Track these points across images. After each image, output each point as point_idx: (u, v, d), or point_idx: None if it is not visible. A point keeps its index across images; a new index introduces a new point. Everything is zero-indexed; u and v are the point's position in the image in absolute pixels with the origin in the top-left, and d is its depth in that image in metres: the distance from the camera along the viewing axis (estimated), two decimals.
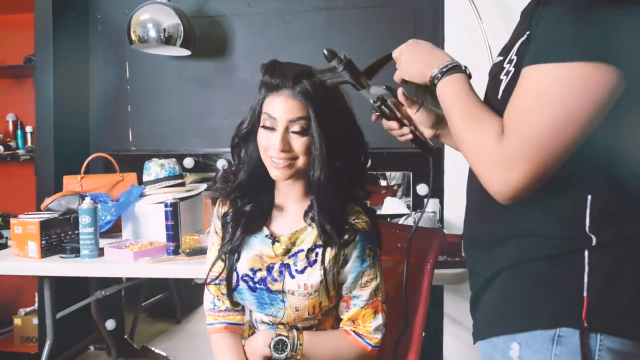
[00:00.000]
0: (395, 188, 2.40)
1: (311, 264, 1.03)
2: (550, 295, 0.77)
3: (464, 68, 0.86)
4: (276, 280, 1.04)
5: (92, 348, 2.65)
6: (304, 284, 1.02)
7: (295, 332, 1.05)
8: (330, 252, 1.02)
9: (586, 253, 0.75)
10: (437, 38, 2.33)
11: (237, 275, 1.07)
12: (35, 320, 2.48)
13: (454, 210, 2.11)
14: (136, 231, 1.98)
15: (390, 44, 2.82)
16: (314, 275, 1.02)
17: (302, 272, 1.03)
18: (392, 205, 2.28)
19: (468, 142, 0.78)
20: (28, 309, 2.61)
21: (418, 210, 2.14)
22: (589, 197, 0.74)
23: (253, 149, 1.05)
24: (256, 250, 1.07)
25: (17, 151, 2.63)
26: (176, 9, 2.25)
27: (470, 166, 0.81)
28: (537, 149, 0.70)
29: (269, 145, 1.00)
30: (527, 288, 0.79)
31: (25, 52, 2.54)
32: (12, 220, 1.82)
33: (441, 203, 2.22)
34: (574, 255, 0.76)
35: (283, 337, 1.04)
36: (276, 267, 1.05)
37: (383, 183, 2.42)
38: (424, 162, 2.30)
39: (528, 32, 0.76)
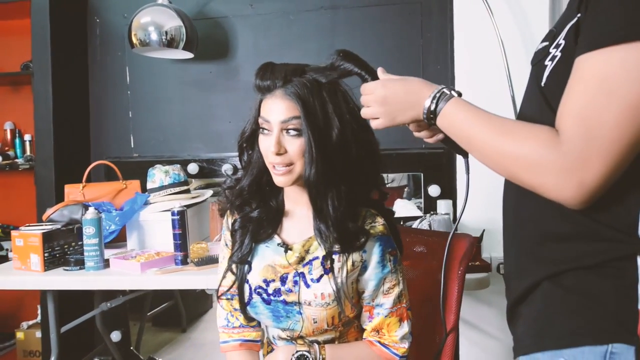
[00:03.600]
0: (399, 190, 2.33)
1: (327, 271, 0.97)
2: (599, 308, 0.71)
3: (450, 92, 0.80)
4: (291, 291, 0.99)
5: None
6: (320, 293, 0.97)
7: (316, 346, 1.00)
8: (340, 259, 0.97)
9: (638, 260, 0.69)
10: (445, 36, 2.27)
11: (250, 288, 1.02)
12: (38, 334, 2.42)
13: (468, 211, 2.05)
14: (141, 240, 1.92)
15: (397, 42, 2.72)
16: (331, 284, 0.97)
17: (318, 280, 0.98)
18: (403, 208, 2.22)
19: (513, 157, 0.70)
20: (30, 322, 2.55)
21: (432, 212, 2.08)
22: None
23: (258, 155, 1.00)
24: (268, 260, 1.02)
25: (16, 160, 2.57)
26: (178, 11, 2.19)
27: (522, 183, 0.72)
28: (609, 144, 0.64)
29: (267, 149, 0.95)
30: (572, 300, 0.73)
31: (23, 58, 2.49)
32: (14, 233, 1.76)
33: (454, 205, 2.17)
34: (623, 263, 0.70)
35: (304, 352, 0.98)
36: (290, 276, 0.99)
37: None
38: (435, 163, 2.29)
39: (579, 15, 0.69)
